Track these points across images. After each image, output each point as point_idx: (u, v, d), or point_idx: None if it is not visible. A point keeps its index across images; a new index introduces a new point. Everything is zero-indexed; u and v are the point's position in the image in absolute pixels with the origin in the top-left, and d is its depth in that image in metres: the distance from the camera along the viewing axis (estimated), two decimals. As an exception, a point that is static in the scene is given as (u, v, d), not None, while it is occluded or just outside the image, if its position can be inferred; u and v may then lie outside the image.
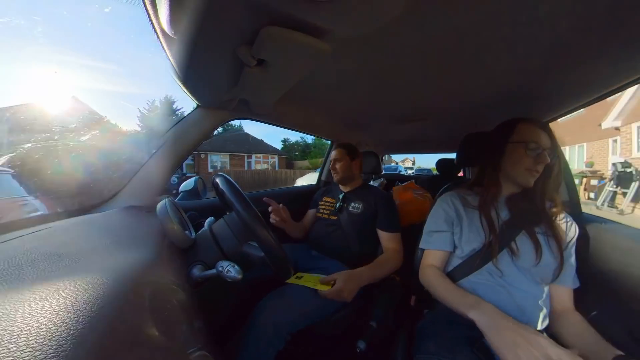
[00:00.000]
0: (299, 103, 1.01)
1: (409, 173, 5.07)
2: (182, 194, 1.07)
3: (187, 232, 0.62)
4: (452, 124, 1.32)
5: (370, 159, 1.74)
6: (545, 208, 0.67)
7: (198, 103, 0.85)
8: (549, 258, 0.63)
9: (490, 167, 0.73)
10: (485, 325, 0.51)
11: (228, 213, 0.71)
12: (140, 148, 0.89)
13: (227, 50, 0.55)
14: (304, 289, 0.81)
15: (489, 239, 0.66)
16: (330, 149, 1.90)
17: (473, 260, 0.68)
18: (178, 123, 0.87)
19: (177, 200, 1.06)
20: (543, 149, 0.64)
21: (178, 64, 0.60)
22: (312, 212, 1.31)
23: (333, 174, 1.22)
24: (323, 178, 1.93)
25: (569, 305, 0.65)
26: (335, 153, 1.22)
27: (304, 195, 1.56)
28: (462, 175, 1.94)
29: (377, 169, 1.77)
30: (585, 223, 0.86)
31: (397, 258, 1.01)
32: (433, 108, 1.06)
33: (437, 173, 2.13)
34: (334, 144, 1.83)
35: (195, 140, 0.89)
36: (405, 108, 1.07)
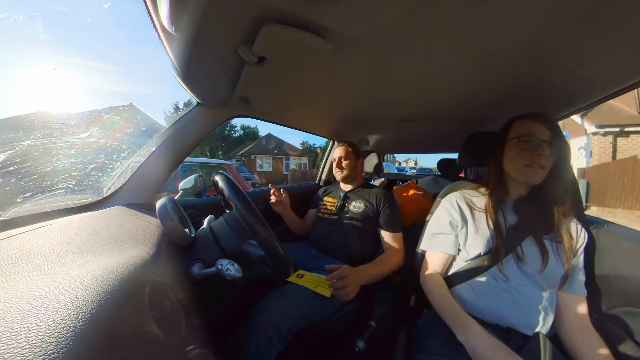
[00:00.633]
0: (300, 101, 1.00)
1: (412, 172, 5.06)
2: (182, 192, 1.07)
3: (186, 229, 0.62)
4: (454, 124, 1.31)
5: (372, 159, 1.73)
6: (554, 213, 0.64)
7: (198, 101, 0.85)
8: (556, 264, 0.62)
9: (493, 167, 0.73)
10: (472, 351, 0.52)
11: (228, 211, 0.71)
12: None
13: (228, 48, 0.55)
14: (305, 288, 0.81)
15: (496, 243, 0.64)
16: (331, 148, 1.89)
17: (478, 264, 0.66)
18: (178, 121, 0.87)
19: (176, 198, 1.06)
20: (541, 140, 0.61)
21: (178, 61, 0.60)
22: (312, 212, 1.30)
23: (337, 172, 1.20)
24: (323, 177, 1.93)
25: (585, 318, 0.60)
26: (341, 150, 1.21)
27: (305, 195, 1.56)
28: (462, 176, 1.93)
29: (378, 169, 1.76)
30: (588, 225, 0.84)
31: (398, 257, 1.01)
32: (435, 107, 1.05)
33: (437, 173, 2.13)
34: (335, 143, 1.83)
35: (196, 138, 0.89)
36: (407, 107, 1.07)
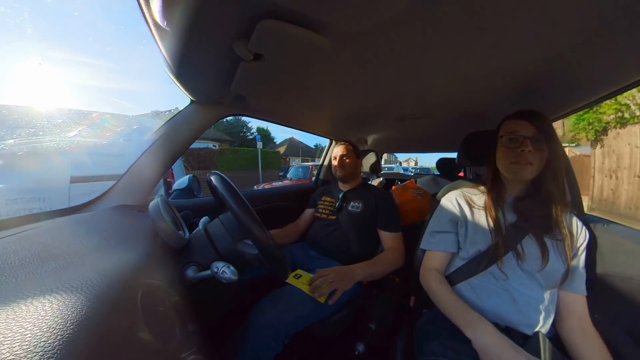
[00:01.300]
0: (297, 99, 0.99)
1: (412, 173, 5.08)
2: (175, 193, 1.05)
3: (180, 232, 0.61)
4: (454, 123, 1.31)
5: (370, 158, 1.72)
6: (552, 209, 0.64)
7: (192, 98, 0.83)
8: (556, 262, 0.62)
9: (488, 166, 0.73)
10: (481, 348, 0.51)
11: (223, 212, 0.69)
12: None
13: (222, 44, 0.54)
14: (302, 290, 0.80)
15: (495, 241, 0.64)
16: (329, 147, 1.89)
17: (477, 262, 0.66)
18: (171, 119, 0.84)
19: (170, 199, 1.03)
20: (524, 137, 0.62)
21: (171, 58, 0.58)
22: (310, 211, 1.29)
23: (338, 171, 1.19)
24: (321, 177, 1.92)
25: (585, 318, 0.60)
26: (342, 149, 1.20)
27: (301, 194, 1.55)
28: (462, 175, 1.94)
29: (376, 168, 1.75)
30: (589, 224, 0.84)
31: (397, 257, 1.00)
32: (434, 106, 1.05)
33: (436, 172, 2.13)
34: (333, 142, 1.82)
35: (189, 137, 0.87)
36: (406, 106, 1.06)
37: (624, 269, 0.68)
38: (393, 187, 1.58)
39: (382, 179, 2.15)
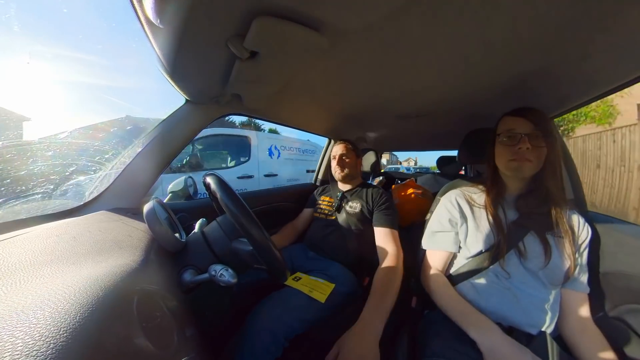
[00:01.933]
0: (295, 98, 0.98)
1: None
2: (171, 195, 1.03)
3: (177, 234, 0.60)
4: (454, 121, 1.30)
5: (369, 157, 1.71)
6: (553, 207, 0.64)
7: (187, 98, 0.81)
8: (559, 260, 0.61)
9: (488, 165, 0.73)
10: (487, 350, 0.51)
11: (221, 214, 0.68)
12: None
13: (218, 42, 0.53)
14: (300, 292, 0.79)
15: (497, 240, 0.64)
16: (327, 147, 1.88)
17: (479, 261, 0.66)
18: (166, 119, 0.83)
19: (166, 201, 1.01)
20: (522, 134, 0.62)
21: (165, 56, 0.57)
22: (308, 211, 1.28)
23: (338, 171, 1.18)
24: (320, 177, 1.90)
25: (587, 316, 0.60)
26: (342, 148, 1.19)
27: (299, 194, 1.54)
28: (462, 173, 1.94)
29: (376, 168, 1.74)
30: (592, 222, 0.83)
31: (395, 268, 0.82)
32: (435, 104, 1.04)
33: (436, 171, 2.13)
34: (332, 141, 1.81)
35: (185, 138, 0.85)
36: (406, 104, 1.05)
37: (628, 267, 0.68)
38: (393, 186, 1.58)
39: (382, 178, 2.15)
